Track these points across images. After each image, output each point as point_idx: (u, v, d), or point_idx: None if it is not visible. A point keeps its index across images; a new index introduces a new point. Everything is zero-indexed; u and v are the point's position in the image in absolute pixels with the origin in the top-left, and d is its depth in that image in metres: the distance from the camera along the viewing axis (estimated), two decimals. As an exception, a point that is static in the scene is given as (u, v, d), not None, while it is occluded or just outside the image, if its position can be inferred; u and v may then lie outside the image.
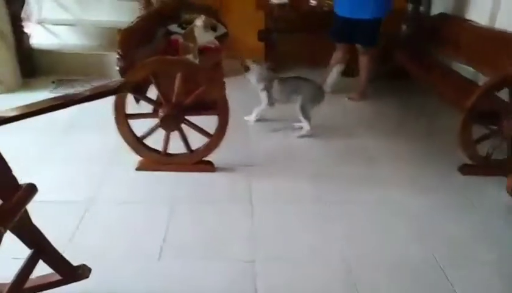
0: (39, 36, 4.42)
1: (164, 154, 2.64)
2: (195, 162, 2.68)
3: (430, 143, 3.27)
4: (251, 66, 3.35)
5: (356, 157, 3.04)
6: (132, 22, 2.83)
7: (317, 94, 3.29)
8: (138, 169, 2.67)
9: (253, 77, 3.34)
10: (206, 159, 2.71)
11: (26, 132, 2.89)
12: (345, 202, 2.49)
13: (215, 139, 2.61)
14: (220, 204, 2.43)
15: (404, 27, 4.52)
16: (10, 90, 3.81)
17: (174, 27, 3.74)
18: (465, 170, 2.85)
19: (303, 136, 3.27)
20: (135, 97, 2.52)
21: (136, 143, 2.60)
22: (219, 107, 2.52)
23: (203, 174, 2.67)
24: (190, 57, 2.88)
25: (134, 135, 2.59)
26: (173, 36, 3.70)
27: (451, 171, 2.86)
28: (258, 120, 3.46)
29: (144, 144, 2.63)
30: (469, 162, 2.85)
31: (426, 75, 3.76)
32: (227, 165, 2.77)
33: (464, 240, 2.25)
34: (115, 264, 1.94)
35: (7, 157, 2.03)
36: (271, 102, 3.35)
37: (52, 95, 3.78)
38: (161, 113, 2.49)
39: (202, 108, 2.58)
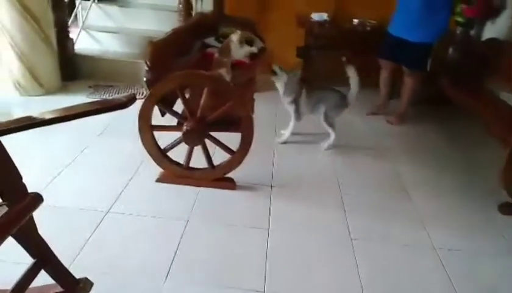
0: (83, 42, 4.57)
1: (186, 167, 2.60)
2: (216, 178, 2.62)
3: (469, 176, 3.05)
4: (278, 71, 3.31)
5: (388, 185, 2.88)
6: (166, 33, 2.84)
7: (341, 103, 3.27)
8: (158, 181, 2.64)
9: (281, 87, 3.28)
10: (228, 175, 2.64)
11: (57, 134, 2.97)
12: (371, 237, 2.33)
13: (238, 157, 2.54)
14: (237, 226, 2.33)
15: (451, 50, 4.30)
16: (50, 92, 3.94)
17: (211, 40, 3.73)
18: (505, 209, 2.62)
19: (330, 147, 3.26)
20: (160, 110, 2.50)
21: (159, 154, 2.57)
22: (243, 124, 2.46)
23: (223, 192, 2.60)
24: (223, 71, 2.83)
25: (157, 146, 2.57)
26: (209, 50, 3.70)
27: (491, 210, 2.64)
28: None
29: (167, 157, 2.60)
30: (510, 201, 2.62)
31: (471, 104, 3.53)
32: (248, 183, 2.69)
33: (497, 289, 2.04)
34: (121, 280, 1.89)
35: (34, 159, 2.03)
36: (299, 115, 3.30)
37: (89, 99, 3.88)
38: (185, 127, 2.45)
39: (227, 124, 2.53)
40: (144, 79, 2.40)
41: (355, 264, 2.10)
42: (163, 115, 2.53)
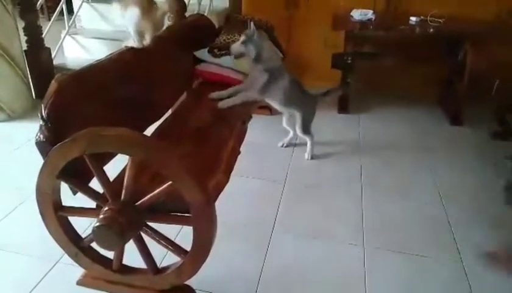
0: (69, 51, 3.81)
1: (117, 270, 1.68)
2: (162, 289, 1.66)
3: None
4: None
5: None
6: (108, 55, 1.93)
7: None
8: (79, 284, 1.75)
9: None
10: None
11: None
12: None
13: (190, 262, 1.55)
14: None
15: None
16: (15, 116, 3.20)
17: (202, 53, 2.74)
18: None
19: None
20: (69, 187, 1.59)
21: (75, 249, 1.66)
22: (194, 214, 1.47)
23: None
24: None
25: (73, 237, 1.66)
26: (198, 67, 2.71)
27: None
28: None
29: (89, 251, 1.69)
30: None
31: None
32: (217, 290, 1.72)
33: None
34: None
35: None
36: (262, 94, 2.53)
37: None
38: (101, 218, 1.50)
39: (174, 210, 1.57)
40: (35, 140, 1.50)
41: None
42: (74, 193, 1.61)
